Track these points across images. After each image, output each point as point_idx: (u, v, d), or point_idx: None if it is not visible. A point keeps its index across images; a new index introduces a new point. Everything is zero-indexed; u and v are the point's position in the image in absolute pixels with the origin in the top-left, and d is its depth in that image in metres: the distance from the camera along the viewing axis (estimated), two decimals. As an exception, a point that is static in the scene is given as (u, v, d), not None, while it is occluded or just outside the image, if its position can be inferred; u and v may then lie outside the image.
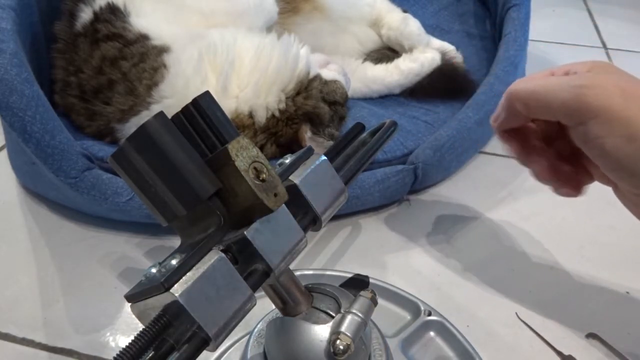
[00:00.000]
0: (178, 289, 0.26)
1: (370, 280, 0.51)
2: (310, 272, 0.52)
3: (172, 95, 0.60)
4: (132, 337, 0.25)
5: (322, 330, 0.32)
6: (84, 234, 0.60)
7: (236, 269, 0.28)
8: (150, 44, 0.63)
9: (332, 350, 0.31)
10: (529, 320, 0.49)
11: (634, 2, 1.22)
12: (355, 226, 0.61)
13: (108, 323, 0.50)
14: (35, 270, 0.55)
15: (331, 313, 0.34)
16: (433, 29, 0.92)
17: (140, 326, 0.26)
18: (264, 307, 0.38)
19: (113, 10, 0.65)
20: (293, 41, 0.65)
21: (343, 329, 0.31)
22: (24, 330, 0.49)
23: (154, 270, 0.28)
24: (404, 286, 0.50)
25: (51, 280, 0.54)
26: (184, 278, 0.26)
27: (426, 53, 0.78)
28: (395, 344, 0.44)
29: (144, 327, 0.26)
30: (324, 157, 0.36)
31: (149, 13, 0.66)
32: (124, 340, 0.48)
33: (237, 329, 0.28)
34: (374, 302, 0.34)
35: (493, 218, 0.62)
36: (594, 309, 0.50)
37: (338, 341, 0.31)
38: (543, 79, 0.41)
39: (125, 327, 0.49)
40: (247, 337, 0.38)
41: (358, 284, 0.50)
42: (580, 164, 0.43)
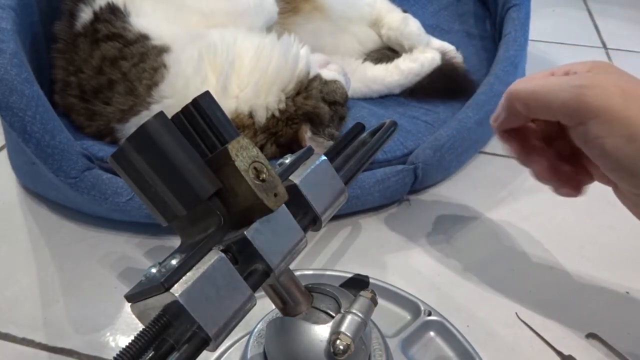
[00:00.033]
0: (178, 289, 0.26)
1: (370, 280, 0.51)
2: (310, 272, 0.52)
3: (172, 95, 0.60)
4: (132, 337, 0.25)
5: (322, 330, 0.32)
6: (84, 234, 0.60)
7: (236, 269, 0.28)
8: (150, 44, 0.63)
9: (332, 350, 0.31)
10: (529, 320, 0.49)
11: (634, 2, 1.22)
12: (355, 226, 0.61)
13: (108, 323, 0.50)
14: (35, 270, 0.55)
15: (331, 313, 0.34)
16: (433, 29, 0.92)
17: (140, 326, 0.26)
18: (264, 307, 0.38)
19: (113, 10, 0.65)
20: (293, 41, 0.65)
21: (343, 329, 0.31)
22: (24, 330, 0.49)
23: (154, 270, 0.28)
24: (404, 286, 0.50)
25: (51, 280, 0.54)
26: (184, 278, 0.26)
27: (426, 53, 0.78)
28: (395, 344, 0.44)
29: (144, 327, 0.26)
30: (324, 157, 0.36)
31: (149, 13, 0.66)
32: (124, 340, 0.48)
33: (237, 329, 0.28)
34: (374, 302, 0.34)
35: (493, 218, 0.62)
36: (594, 309, 0.50)
37: (338, 341, 0.31)
38: (543, 79, 0.40)
39: (125, 327, 0.49)
40: (247, 337, 0.38)
41: (358, 284, 0.50)
42: (580, 164, 0.43)
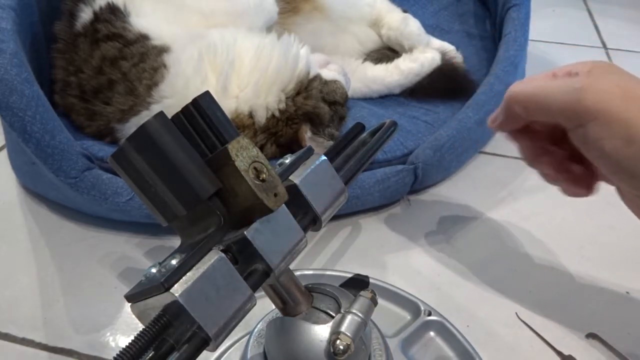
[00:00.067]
0: (178, 289, 0.26)
1: (370, 280, 0.51)
2: (310, 272, 0.52)
3: (172, 95, 0.60)
4: (132, 337, 0.25)
5: (322, 330, 0.32)
6: (84, 234, 0.60)
7: (236, 269, 0.28)
8: (150, 44, 0.63)
9: (332, 350, 0.31)
10: (529, 320, 0.49)
11: (634, 2, 1.22)
12: (355, 226, 0.61)
13: (108, 323, 0.50)
14: (35, 270, 0.55)
15: (331, 313, 0.34)
16: (433, 29, 0.92)
17: (140, 326, 0.26)
18: (264, 307, 0.38)
19: (113, 10, 0.65)
20: (293, 41, 0.65)
21: (343, 329, 0.31)
22: (24, 330, 0.49)
23: (154, 270, 0.28)
24: (404, 286, 0.50)
25: (51, 280, 0.54)
26: (184, 278, 0.26)
27: (426, 53, 0.78)
28: (395, 344, 0.44)
29: (144, 327, 0.26)
30: (324, 157, 0.36)
31: (149, 13, 0.66)
32: (124, 340, 0.48)
33: (237, 329, 0.28)
34: (374, 302, 0.34)
35: (493, 218, 0.62)
36: (594, 309, 0.50)
37: (338, 341, 0.31)
38: (542, 82, 0.40)
39: (125, 327, 0.49)
40: (247, 337, 0.38)
41: (358, 284, 0.50)
42: (587, 163, 0.43)
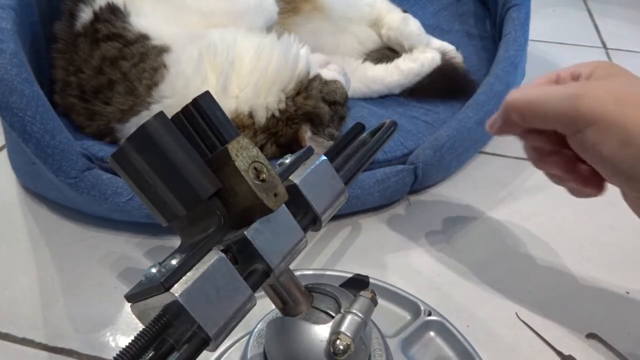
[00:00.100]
0: (178, 289, 0.26)
1: (370, 280, 0.51)
2: (310, 272, 0.52)
3: (172, 95, 0.60)
4: (132, 337, 0.25)
5: (322, 330, 0.32)
6: (84, 234, 0.60)
7: (236, 269, 0.28)
8: (150, 44, 0.63)
9: (332, 350, 0.31)
10: (529, 320, 0.49)
11: (634, 2, 1.22)
12: (355, 226, 0.61)
13: (108, 323, 0.50)
14: (35, 270, 0.55)
15: (331, 313, 0.34)
16: (433, 29, 0.92)
17: (140, 326, 0.26)
18: (264, 307, 0.38)
19: (113, 10, 0.65)
20: (293, 41, 0.65)
21: (343, 329, 0.31)
22: (24, 330, 0.49)
23: (154, 270, 0.28)
24: (404, 286, 0.50)
25: (51, 280, 0.54)
26: (184, 278, 0.26)
27: (426, 53, 0.78)
28: (395, 344, 0.44)
29: (144, 327, 0.26)
30: (324, 157, 0.36)
31: (149, 13, 0.66)
32: (124, 340, 0.48)
33: (237, 329, 0.28)
34: (374, 302, 0.34)
35: (493, 218, 0.62)
36: (594, 309, 0.50)
37: (338, 341, 0.31)
38: (539, 89, 0.40)
39: (125, 327, 0.49)
40: (247, 337, 0.38)
41: (358, 284, 0.50)
42: None
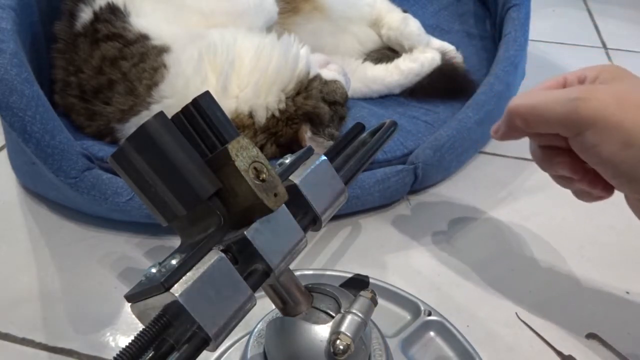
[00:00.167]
0: (178, 289, 0.26)
1: (370, 280, 0.51)
2: (310, 272, 0.52)
3: (172, 95, 0.60)
4: (132, 337, 0.25)
5: (322, 330, 0.32)
6: (84, 234, 0.60)
7: (236, 269, 0.28)
8: (150, 44, 0.63)
9: (332, 350, 0.31)
10: (529, 320, 0.49)
11: (634, 2, 1.22)
12: (355, 226, 0.61)
13: (108, 323, 0.50)
14: (35, 270, 0.55)
15: (331, 313, 0.34)
16: (433, 29, 0.92)
17: (140, 326, 0.26)
18: (264, 307, 0.38)
19: (113, 10, 0.65)
20: (293, 41, 0.65)
21: (343, 329, 0.31)
22: (24, 330, 0.49)
23: (154, 270, 0.28)
24: (404, 286, 0.50)
25: (51, 280, 0.54)
26: (184, 278, 0.26)
27: (426, 53, 0.78)
28: (395, 344, 0.44)
29: (144, 327, 0.26)
30: (324, 157, 0.36)
31: (149, 13, 0.66)
32: (124, 340, 0.48)
33: (237, 329, 0.28)
34: (374, 302, 0.34)
35: (493, 218, 0.62)
36: (594, 309, 0.50)
37: (338, 341, 0.31)
38: (541, 94, 0.41)
39: (125, 327, 0.49)
40: (247, 337, 0.38)
41: (358, 284, 0.50)
42: None
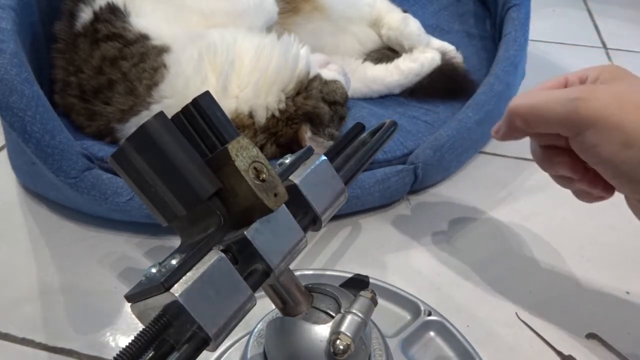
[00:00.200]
0: (178, 289, 0.26)
1: (370, 280, 0.51)
2: (310, 272, 0.52)
3: (172, 95, 0.60)
4: (132, 337, 0.25)
5: (322, 330, 0.32)
6: (84, 234, 0.60)
7: (236, 269, 0.28)
8: (150, 44, 0.63)
9: (332, 350, 0.31)
10: (529, 320, 0.49)
11: (634, 2, 1.22)
12: (355, 226, 0.61)
13: (108, 323, 0.50)
14: (35, 270, 0.55)
15: (331, 313, 0.34)
16: (433, 29, 0.92)
17: (140, 326, 0.26)
18: (264, 307, 0.38)
19: (113, 10, 0.65)
20: (293, 41, 0.65)
21: (343, 329, 0.31)
22: (24, 330, 0.49)
23: (154, 270, 0.28)
24: (404, 286, 0.50)
25: (51, 280, 0.54)
26: (184, 278, 0.26)
27: (426, 53, 0.78)
28: (395, 344, 0.44)
29: (144, 327, 0.26)
30: (324, 157, 0.36)
31: (149, 13, 0.66)
32: (124, 340, 0.48)
33: (237, 329, 0.28)
34: (374, 302, 0.34)
35: (493, 218, 0.62)
36: (594, 309, 0.50)
37: (338, 341, 0.31)
38: (541, 94, 0.41)
39: (125, 327, 0.49)
40: (247, 337, 0.38)
41: (358, 284, 0.50)
42: None
